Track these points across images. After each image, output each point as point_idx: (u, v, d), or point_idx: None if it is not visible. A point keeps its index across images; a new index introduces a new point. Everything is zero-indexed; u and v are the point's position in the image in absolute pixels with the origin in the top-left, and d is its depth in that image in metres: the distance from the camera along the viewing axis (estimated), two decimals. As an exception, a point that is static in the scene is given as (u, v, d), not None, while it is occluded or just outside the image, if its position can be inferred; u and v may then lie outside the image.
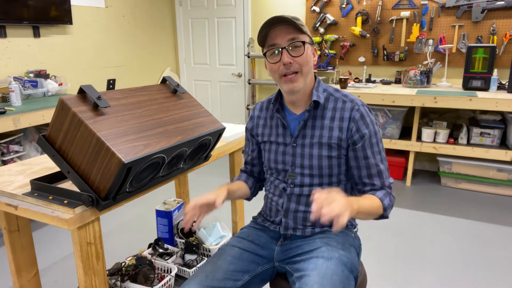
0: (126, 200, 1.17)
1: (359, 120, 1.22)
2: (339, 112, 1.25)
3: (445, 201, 3.11)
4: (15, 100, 2.74)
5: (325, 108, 1.26)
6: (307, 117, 1.26)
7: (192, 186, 3.51)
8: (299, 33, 1.18)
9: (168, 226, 2.05)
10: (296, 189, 1.28)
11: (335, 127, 1.24)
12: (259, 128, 1.39)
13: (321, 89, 1.28)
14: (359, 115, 1.22)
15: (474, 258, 2.31)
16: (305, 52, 1.19)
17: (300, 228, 1.30)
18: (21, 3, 2.98)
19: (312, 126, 1.26)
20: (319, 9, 3.86)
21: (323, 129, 1.25)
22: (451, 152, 3.16)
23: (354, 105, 1.24)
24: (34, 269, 1.44)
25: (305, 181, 1.27)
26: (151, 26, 4.40)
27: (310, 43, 1.22)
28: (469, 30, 3.38)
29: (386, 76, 3.81)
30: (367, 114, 1.24)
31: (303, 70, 1.20)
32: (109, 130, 1.04)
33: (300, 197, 1.28)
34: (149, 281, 1.68)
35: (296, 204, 1.29)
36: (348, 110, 1.24)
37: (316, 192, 1.05)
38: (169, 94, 1.36)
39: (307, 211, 1.27)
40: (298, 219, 1.29)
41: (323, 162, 1.25)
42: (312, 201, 1.18)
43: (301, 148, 1.27)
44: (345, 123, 1.23)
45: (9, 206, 1.14)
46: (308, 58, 1.20)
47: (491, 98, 2.86)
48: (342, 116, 1.24)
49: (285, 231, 1.32)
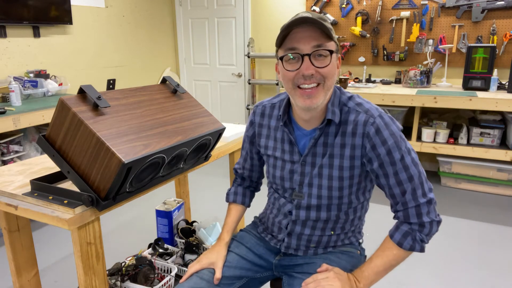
0: (126, 200, 1.17)
1: (374, 136, 1.05)
2: (351, 125, 1.07)
3: (445, 201, 3.11)
4: (15, 100, 2.74)
5: (339, 122, 1.10)
6: (318, 136, 1.11)
7: (192, 186, 3.51)
8: (327, 39, 1.01)
9: (168, 226, 2.05)
10: (302, 213, 1.18)
11: (347, 145, 1.08)
12: (261, 139, 1.26)
13: (336, 101, 1.10)
14: (374, 130, 1.05)
15: (474, 258, 2.31)
16: (331, 63, 1.02)
17: (302, 249, 1.23)
18: (21, 3, 2.98)
19: (324, 143, 1.12)
20: (319, 9, 3.86)
21: (334, 147, 1.10)
22: (451, 152, 3.16)
23: (369, 118, 1.06)
24: (34, 269, 1.44)
25: (312, 202, 1.16)
26: (151, 26, 4.40)
27: (336, 51, 1.04)
28: (469, 30, 3.38)
29: (386, 76, 3.81)
30: (385, 126, 1.05)
31: (326, 84, 1.03)
32: (109, 130, 1.04)
33: (306, 221, 1.19)
34: (149, 281, 1.68)
35: (302, 227, 1.20)
36: (361, 124, 1.06)
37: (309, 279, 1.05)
38: (169, 94, 1.36)
39: (312, 234, 1.19)
40: (302, 240, 1.22)
41: (333, 183, 1.12)
42: (319, 225, 1.18)
43: (311, 167, 1.14)
44: (358, 139, 1.07)
45: (9, 206, 1.14)
46: (333, 71, 1.03)
47: (491, 98, 2.86)
48: (355, 131, 1.07)
49: (286, 250, 1.25)
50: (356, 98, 1.12)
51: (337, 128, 1.10)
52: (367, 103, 1.10)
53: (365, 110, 1.08)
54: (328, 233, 1.20)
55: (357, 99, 1.12)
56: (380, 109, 1.10)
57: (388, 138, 1.05)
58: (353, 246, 1.27)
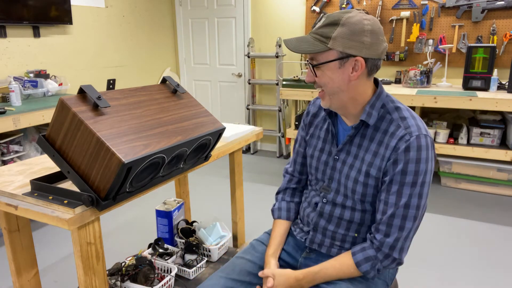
0: (126, 200, 1.17)
1: (401, 152, 1.04)
2: (388, 137, 1.08)
3: (445, 201, 3.11)
4: (15, 100, 2.74)
5: (377, 129, 1.10)
6: (353, 134, 1.14)
7: (192, 186, 3.51)
8: (323, 51, 1.05)
9: (168, 226, 2.05)
10: (327, 208, 1.20)
11: (379, 154, 1.09)
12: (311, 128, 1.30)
13: (378, 105, 1.11)
14: (405, 147, 1.04)
15: (474, 258, 2.31)
16: (323, 73, 1.07)
17: (326, 246, 1.23)
18: (21, 3, 2.98)
19: (359, 145, 1.13)
20: (319, 9, 3.86)
21: (367, 152, 1.11)
22: (451, 152, 3.16)
23: (406, 134, 1.04)
24: (34, 269, 1.44)
25: (338, 199, 1.18)
26: (151, 26, 4.40)
27: (339, 58, 1.04)
28: (469, 30, 3.38)
29: (386, 76, 3.81)
30: (416, 148, 1.03)
31: (326, 90, 1.10)
32: (109, 130, 1.04)
33: (331, 217, 1.20)
34: (149, 281, 1.68)
35: (327, 222, 1.21)
36: (396, 138, 1.06)
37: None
38: (169, 94, 1.36)
39: (336, 231, 1.20)
40: (327, 236, 1.22)
41: (357, 187, 1.13)
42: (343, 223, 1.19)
43: (342, 165, 1.17)
44: (387, 152, 1.07)
45: (9, 206, 1.14)
46: (326, 80, 1.07)
47: (491, 98, 2.86)
48: (389, 143, 1.07)
49: (310, 244, 1.26)
50: (404, 111, 1.11)
51: (374, 133, 1.11)
52: (412, 119, 1.08)
53: (406, 126, 1.07)
54: (352, 234, 1.19)
55: (403, 112, 1.10)
56: (424, 129, 1.07)
57: (415, 160, 1.03)
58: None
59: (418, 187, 1.05)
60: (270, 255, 1.27)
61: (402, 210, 1.06)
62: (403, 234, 1.07)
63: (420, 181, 1.04)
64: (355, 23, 1.02)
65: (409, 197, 1.05)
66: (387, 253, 1.08)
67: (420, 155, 1.03)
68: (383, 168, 1.08)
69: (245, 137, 1.88)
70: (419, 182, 1.04)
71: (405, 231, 1.06)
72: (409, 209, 1.05)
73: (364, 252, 1.11)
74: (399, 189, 1.05)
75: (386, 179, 1.07)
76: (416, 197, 1.05)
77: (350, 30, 1.02)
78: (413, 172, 1.04)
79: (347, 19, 1.02)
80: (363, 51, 1.03)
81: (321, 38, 1.05)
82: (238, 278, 1.22)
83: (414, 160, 1.03)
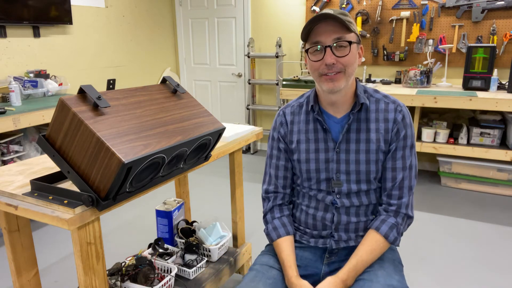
0: (126, 200, 1.17)
1: (400, 121, 1.19)
2: (382, 113, 1.20)
3: (445, 201, 3.11)
4: (15, 100, 2.74)
5: (368, 110, 1.21)
6: (352, 120, 1.20)
7: (192, 186, 3.51)
8: (347, 31, 1.12)
9: (168, 226, 2.05)
10: (346, 201, 1.22)
11: (381, 129, 1.20)
12: (294, 135, 1.28)
13: (361, 89, 1.23)
14: (402, 116, 1.20)
15: (474, 258, 2.31)
16: (351, 52, 1.13)
17: (353, 239, 1.24)
18: (21, 3, 2.98)
19: (357, 129, 1.20)
20: (319, 9, 3.86)
21: (369, 131, 1.20)
22: (451, 152, 3.16)
23: (397, 106, 1.21)
24: (34, 269, 1.44)
25: (352, 188, 1.21)
26: (151, 26, 4.40)
27: (357, 42, 1.15)
28: (469, 30, 3.38)
29: (386, 76, 3.81)
30: (407, 115, 1.21)
31: (347, 71, 1.14)
32: (109, 130, 1.04)
33: (349, 208, 1.23)
34: (149, 281, 1.68)
35: (347, 216, 1.23)
36: (392, 111, 1.20)
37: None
38: (169, 94, 1.36)
39: (358, 221, 1.23)
40: (350, 230, 1.24)
41: (371, 167, 1.20)
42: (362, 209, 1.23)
43: (346, 154, 1.21)
44: (390, 124, 1.19)
45: (9, 206, 1.14)
46: (353, 59, 1.14)
47: (491, 98, 2.86)
48: (387, 117, 1.20)
49: (337, 245, 1.25)
50: (380, 92, 1.26)
51: (367, 114, 1.21)
52: (391, 96, 1.25)
53: (392, 100, 1.22)
54: (371, 217, 1.25)
55: (380, 92, 1.25)
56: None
57: (407, 125, 1.20)
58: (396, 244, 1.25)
59: (414, 148, 1.22)
60: (296, 277, 1.16)
61: (408, 172, 1.20)
62: (412, 192, 1.22)
63: (413, 143, 1.22)
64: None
65: (411, 158, 1.21)
66: (405, 213, 1.21)
67: (411, 120, 1.22)
68: (390, 140, 1.20)
69: (245, 137, 1.88)
70: (414, 143, 1.22)
71: (412, 189, 1.21)
72: (412, 169, 1.22)
73: (386, 222, 1.19)
74: (403, 154, 1.20)
75: (392, 147, 1.20)
76: (414, 156, 1.22)
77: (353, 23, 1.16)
78: (410, 136, 1.21)
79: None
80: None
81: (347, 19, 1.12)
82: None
83: (409, 125, 1.21)
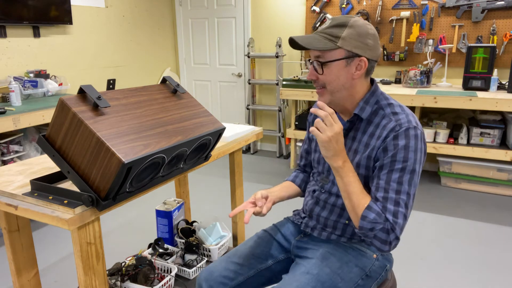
0: (126, 200, 1.17)
1: (390, 140, 1.09)
2: (380, 130, 1.13)
3: (445, 201, 3.11)
4: (15, 100, 2.74)
5: (370, 123, 1.17)
6: (348, 128, 1.20)
7: (192, 186, 3.51)
8: (333, 49, 1.10)
9: (168, 226, 2.05)
10: (323, 196, 1.27)
11: (370, 145, 1.14)
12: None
13: (372, 101, 1.17)
14: (393, 136, 1.08)
15: (474, 258, 2.31)
16: (330, 71, 1.12)
17: (318, 230, 1.30)
18: (21, 3, 2.98)
19: (353, 138, 1.20)
20: (319, 9, 3.86)
21: (360, 144, 1.17)
22: (451, 152, 3.16)
23: (396, 126, 1.09)
24: (34, 269, 1.44)
25: (334, 189, 1.24)
26: (151, 26, 4.40)
27: (346, 57, 1.10)
28: (469, 30, 3.38)
29: (386, 76, 3.81)
30: (404, 137, 1.07)
31: (327, 88, 1.14)
32: (109, 130, 1.04)
33: (325, 204, 1.27)
34: (149, 281, 1.68)
35: (321, 209, 1.28)
36: (387, 129, 1.11)
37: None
38: (169, 94, 1.36)
39: (328, 218, 1.26)
40: (320, 222, 1.29)
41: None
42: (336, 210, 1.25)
43: None
44: (378, 142, 1.12)
45: (9, 206, 1.14)
46: (332, 77, 1.12)
47: (491, 98, 2.86)
48: (381, 135, 1.12)
49: (305, 227, 1.35)
50: (395, 107, 1.16)
51: (367, 127, 1.17)
52: (403, 114, 1.12)
53: (397, 119, 1.11)
54: (344, 221, 1.25)
55: (395, 108, 1.15)
56: (414, 122, 1.10)
57: (399, 148, 1.07)
58: (371, 248, 1.24)
59: (408, 174, 1.06)
60: (272, 191, 1.33)
61: (398, 194, 1.05)
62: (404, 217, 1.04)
63: (407, 168, 1.06)
64: (361, 26, 1.11)
65: (402, 184, 1.06)
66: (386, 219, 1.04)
67: (409, 143, 1.07)
68: (374, 157, 1.13)
69: (245, 137, 1.88)
70: (408, 169, 1.06)
71: (400, 215, 1.04)
72: (400, 195, 1.05)
73: (376, 205, 1.06)
74: (388, 174, 1.07)
75: (377, 165, 1.11)
76: (408, 184, 1.06)
77: (357, 32, 1.10)
78: (402, 159, 1.06)
79: (354, 22, 1.10)
80: (367, 52, 1.12)
81: (330, 37, 1.11)
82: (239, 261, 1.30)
83: (403, 147, 1.07)
